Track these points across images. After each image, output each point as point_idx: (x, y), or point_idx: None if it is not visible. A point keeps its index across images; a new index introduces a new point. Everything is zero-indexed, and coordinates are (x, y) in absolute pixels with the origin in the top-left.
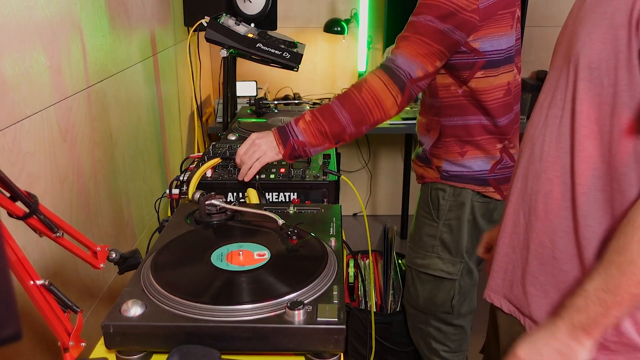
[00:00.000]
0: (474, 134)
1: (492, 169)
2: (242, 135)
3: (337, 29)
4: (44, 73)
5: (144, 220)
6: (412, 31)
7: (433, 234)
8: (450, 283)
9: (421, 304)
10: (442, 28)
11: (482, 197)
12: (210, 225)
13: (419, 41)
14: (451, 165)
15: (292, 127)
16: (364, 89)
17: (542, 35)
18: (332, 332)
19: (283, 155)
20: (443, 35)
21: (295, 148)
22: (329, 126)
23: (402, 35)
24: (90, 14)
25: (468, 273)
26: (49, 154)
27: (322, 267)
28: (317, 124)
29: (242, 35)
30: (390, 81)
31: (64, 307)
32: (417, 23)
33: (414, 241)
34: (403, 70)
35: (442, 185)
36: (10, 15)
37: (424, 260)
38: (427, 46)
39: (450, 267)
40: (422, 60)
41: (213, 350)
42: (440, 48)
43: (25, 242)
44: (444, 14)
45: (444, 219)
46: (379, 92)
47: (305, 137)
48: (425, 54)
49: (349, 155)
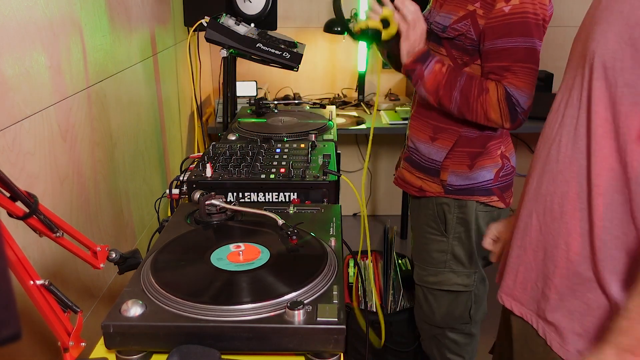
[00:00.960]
0: (485, 144)
1: (496, 177)
2: (242, 135)
3: (337, 29)
4: (44, 73)
5: (144, 220)
6: (514, 59)
7: (444, 249)
8: (467, 295)
9: (438, 320)
10: (540, 47)
11: (486, 207)
12: (210, 225)
13: (527, 70)
14: (457, 179)
15: (432, 61)
16: (481, 99)
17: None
18: (332, 332)
19: (405, 63)
20: (539, 54)
21: (414, 71)
22: (443, 91)
23: (503, 65)
24: (90, 14)
25: (482, 281)
26: (49, 154)
27: (322, 267)
28: (442, 80)
29: (242, 35)
30: (506, 108)
31: (64, 307)
32: (519, 49)
33: (421, 259)
34: (520, 103)
35: (446, 199)
36: (10, 15)
37: (437, 277)
38: (533, 73)
39: (466, 279)
40: (530, 88)
41: (213, 350)
42: (538, 68)
43: (25, 242)
44: (539, 32)
45: (453, 232)
46: (491, 112)
47: (429, 76)
48: (532, 81)
49: (349, 155)
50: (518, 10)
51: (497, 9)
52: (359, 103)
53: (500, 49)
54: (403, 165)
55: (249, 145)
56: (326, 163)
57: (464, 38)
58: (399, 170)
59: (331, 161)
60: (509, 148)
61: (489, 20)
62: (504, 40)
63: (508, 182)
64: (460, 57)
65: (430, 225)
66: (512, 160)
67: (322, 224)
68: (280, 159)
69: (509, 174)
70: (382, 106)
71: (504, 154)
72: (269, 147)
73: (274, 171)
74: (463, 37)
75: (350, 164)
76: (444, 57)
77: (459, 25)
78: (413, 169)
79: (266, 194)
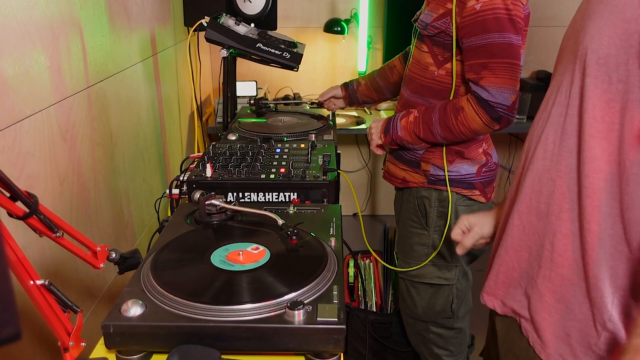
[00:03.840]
0: (468, 144)
1: (479, 172)
2: (242, 135)
3: (337, 29)
4: (44, 73)
5: (144, 220)
6: (490, 55)
7: (424, 243)
8: (448, 288)
9: (420, 313)
10: (519, 42)
11: (466, 200)
12: (210, 225)
13: (503, 65)
14: (439, 170)
15: (396, 121)
16: (460, 119)
17: (542, 35)
18: (332, 332)
19: (384, 142)
20: (518, 48)
21: (393, 140)
22: (424, 135)
23: (480, 62)
24: (90, 14)
25: (464, 275)
26: (49, 154)
27: (322, 267)
28: (415, 129)
29: (242, 35)
30: (486, 114)
31: (64, 307)
32: (493, 45)
33: (403, 252)
34: (496, 103)
35: (427, 190)
36: (10, 15)
37: (418, 270)
38: (511, 67)
39: (447, 272)
40: (510, 83)
41: (213, 350)
42: (520, 63)
43: (25, 242)
44: (515, 26)
45: (433, 226)
46: (474, 125)
47: (403, 134)
48: (511, 75)
49: (349, 156)
50: (488, 7)
51: (469, 7)
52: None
53: (476, 46)
54: (388, 158)
55: (249, 145)
56: (326, 163)
57: (444, 35)
58: (386, 165)
59: (331, 160)
60: (489, 144)
61: (463, 19)
62: (479, 38)
63: (490, 177)
64: (441, 53)
65: (411, 218)
66: (493, 156)
67: (322, 224)
68: (280, 159)
69: (492, 170)
70: (382, 106)
71: (486, 151)
72: (269, 147)
73: (274, 171)
74: (443, 34)
75: (350, 164)
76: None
77: (439, 23)
78: (397, 162)
79: (266, 194)
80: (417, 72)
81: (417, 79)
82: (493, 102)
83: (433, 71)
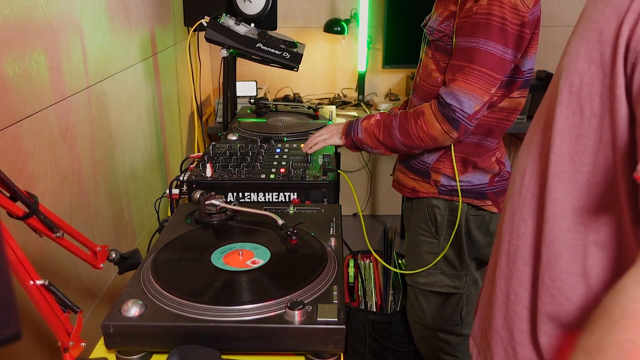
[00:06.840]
0: (481, 153)
1: (491, 181)
2: (242, 136)
3: (337, 29)
4: (44, 73)
5: (144, 220)
6: (469, 60)
7: (435, 251)
8: (458, 297)
9: (429, 321)
10: (505, 56)
11: (477, 210)
12: (210, 225)
13: (478, 74)
14: (451, 180)
15: (357, 123)
16: (419, 123)
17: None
18: (332, 332)
19: (344, 144)
20: (504, 63)
21: (354, 142)
22: (383, 138)
23: (458, 64)
24: (90, 14)
25: (474, 283)
26: (49, 154)
27: (322, 267)
28: (375, 131)
29: (242, 35)
30: (445, 121)
31: (64, 307)
32: (476, 51)
33: (413, 260)
34: (459, 108)
35: (437, 200)
36: (10, 15)
37: (428, 278)
38: (486, 78)
39: (457, 281)
40: (480, 93)
41: (213, 350)
42: (500, 77)
43: (25, 242)
44: (505, 37)
45: (444, 235)
46: (432, 130)
47: (364, 136)
48: (483, 86)
49: (349, 155)
50: (483, 10)
51: (467, 8)
52: (359, 103)
53: (461, 47)
54: (398, 167)
55: (249, 145)
56: (326, 163)
57: (447, 39)
58: (395, 173)
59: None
60: (502, 152)
61: (459, 20)
62: (466, 39)
63: (504, 187)
64: (443, 59)
65: (421, 227)
66: (506, 164)
67: (322, 224)
68: (280, 159)
69: (505, 179)
70: (382, 106)
71: (499, 160)
72: (269, 147)
73: (274, 171)
74: (446, 38)
75: (350, 164)
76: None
77: (443, 26)
78: (407, 171)
79: (266, 194)
80: (423, 78)
81: (424, 86)
82: (455, 106)
83: (436, 77)
